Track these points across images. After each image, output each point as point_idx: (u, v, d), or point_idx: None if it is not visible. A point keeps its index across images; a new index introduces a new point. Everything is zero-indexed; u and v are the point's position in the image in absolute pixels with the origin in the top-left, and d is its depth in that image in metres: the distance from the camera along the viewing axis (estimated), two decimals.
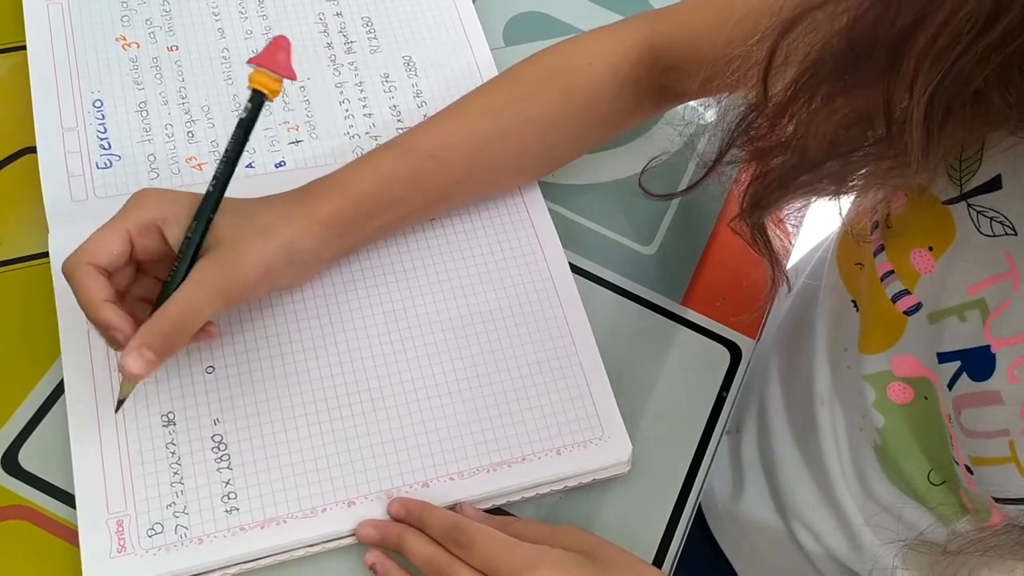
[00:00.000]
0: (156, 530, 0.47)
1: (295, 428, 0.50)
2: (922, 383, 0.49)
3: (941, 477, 0.51)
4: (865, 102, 0.40)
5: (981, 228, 0.44)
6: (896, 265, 0.49)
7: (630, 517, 0.52)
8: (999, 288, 0.43)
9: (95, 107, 0.58)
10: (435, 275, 0.56)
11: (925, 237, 0.47)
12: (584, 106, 0.56)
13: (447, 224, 0.58)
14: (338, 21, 0.65)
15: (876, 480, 0.55)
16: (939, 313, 0.47)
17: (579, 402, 0.53)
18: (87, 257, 0.44)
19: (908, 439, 0.52)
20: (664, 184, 0.64)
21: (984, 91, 0.37)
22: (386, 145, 0.53)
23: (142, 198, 0.46)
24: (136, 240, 0.45)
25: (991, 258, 0.44)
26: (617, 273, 0.60)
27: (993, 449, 0.44)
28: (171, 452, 0.49)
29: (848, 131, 0.42)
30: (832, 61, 0.40)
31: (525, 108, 0.55)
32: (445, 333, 0.54)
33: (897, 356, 0.50)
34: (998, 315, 0.43)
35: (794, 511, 0.61)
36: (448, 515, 0.47)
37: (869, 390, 0.52)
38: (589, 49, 0.56)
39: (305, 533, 0.48)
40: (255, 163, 0.58)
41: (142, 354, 0.43)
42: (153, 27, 0.62)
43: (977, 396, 0.44)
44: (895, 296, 0.49)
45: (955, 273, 0.46)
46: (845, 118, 0.42)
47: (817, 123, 0.43)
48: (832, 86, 0.41)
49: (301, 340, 0.53)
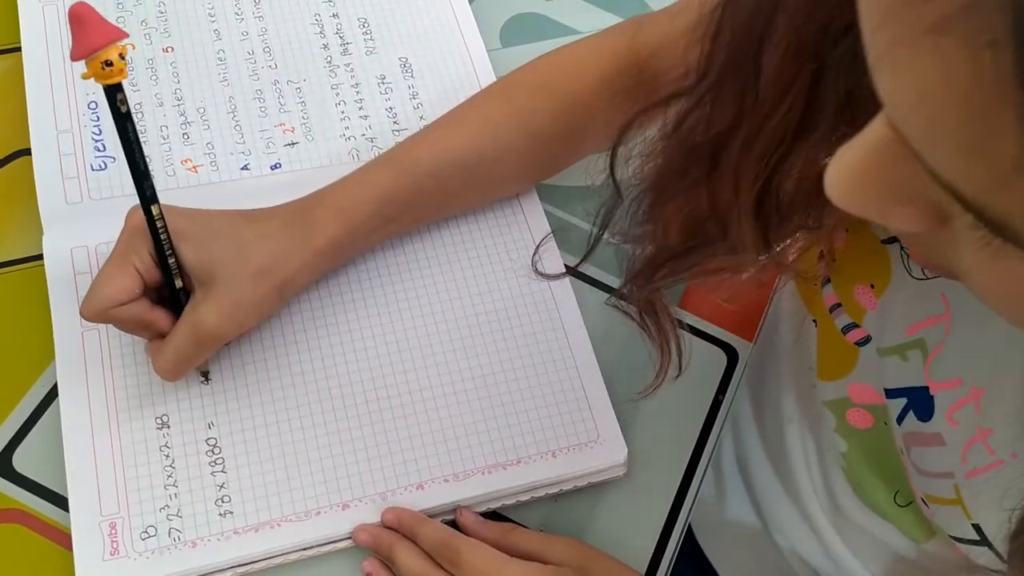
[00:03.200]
0: (150, 533, 0.46)
1: (289, 431, 0.50)
2: (880, 410, 0.49)
3: (907, 499, 0.51)
4: (699, 204, 0.43)
5: (912, 271, 0.44)
6: (843, 299, 0.49)
7: (626, 520, 0.52)
8: (936, 329, 0.43)
9: (90, 109, 0.58)
10: (430, 278, 0.56)
11: (866, 274, 0.47)
12: (580, 117, 0.56)
13: (442, 227, 0.58)
14: (334, 22, 0.65)
15: (846, 498, 0.55)
16: (885, 350, 0.47)
17: (575, 404, 0.53)
18: (111, 303, 0.45)
19: (870, 464, 0.52)
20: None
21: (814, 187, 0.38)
22: (386, 162, 0.53)
23: (134, 231, 0.46)
24: (143, 273, 0.46)
25: (927, 299, 0.44)
26: (613, 275, 0.60)
27: (941, 490, 0.44)
28: (165, 455, 0.49)
29: (700, 226, 0.44)
30: (667, 164, 0.44)
31: (523, 122, 0.55)
32: (440, 336, 0.54)
33: (853, 384, 0.50)
34: (935, 357, 0.43)
35: (772, 521, 0.61)
36: (440, 529, 0.47)
37: (829, 415, 0.52)
38: (581, 59, 0.56)
39: (299, 536, 0.47)
40: (251, 165, 0.58)
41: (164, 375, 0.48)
42: (149, 28, 0.62)
43: (922, 436, 0.44)
44: (844, 328, 0.49)
45: (895, 312, 0.46)
46: (689, 217, 0.44)
47: (665, 221, 0.46)
48: (672, 187, 0.44)
49: (296, 344, 0.53)
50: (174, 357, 0.47)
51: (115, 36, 0.37)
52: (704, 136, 0.40)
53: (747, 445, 0.63)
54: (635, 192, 0.47)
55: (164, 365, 0.47)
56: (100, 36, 0.37)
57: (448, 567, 0.46)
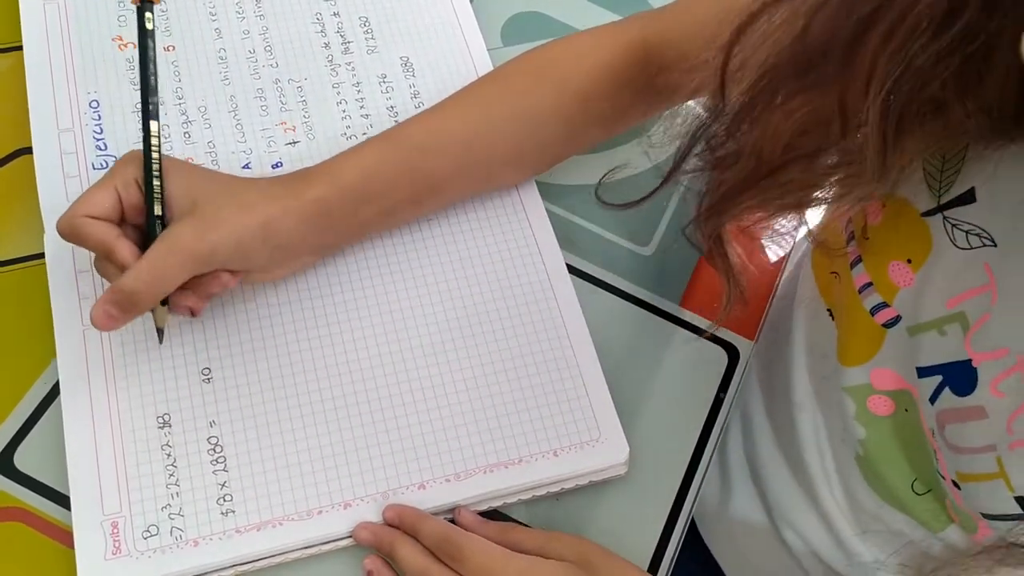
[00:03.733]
0: (151, 532, 0.46)
1: (291, 430, 0.50)
2: (903, 396, 0.49)
3: (926, 487, 0.50)
4: (822, 104, 0.40)
5: (957, 241, 0.43)
6: (874, 277, 0.48)
7: (627, 519, 0.52)
8: (978, 301, 0.43)
9: (91, 108, 0.58)
10: (431, 276, 0.56)
11: (903, 249, 0.46)
12: (576, 104, 0.55)
13: (443, 223, 0.58)
14: (335, 21, 0.65)
15: (859, 488, 0.54)
16: (918, 327, 0.46)
17: (576, 403, 0.53)
18: (83, 211, 0.45)
19: (891, 451, 0.51)
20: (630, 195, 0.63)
21: (944, 101, 0.37)
22: (377, 136, 0.53)
23: (125, 160, 0.47)
24: (123, 196, 0.46)
25: (969, 271, 0.43)
26: (615, 274, 0.60)
27: (980, 465, 0.43)
28: (167, 454, 0.49)
29: (805, 135, 0.42)
30: (789, 62, 0.40)
31: (516, 102, 0.55)
32: (442, 334, 0.54)
33: (876, 369, 0.50)
34: (978, 328, 0.43)
35: (781, 514, 0.61)
36: (441, 525, 0.47)
37: (849, 402, 0.52)
38: (582, 47, 0.56)
39: (301, 535, 0.47)
40: (251, 164, 0.58)
41: (107, 310, 0.45)
42: None
43: (960, 411, 0.44)
44: (873, 309, 0.49)
45: (934, 286, 0.45)
46: (802, 122, 0.41)
47: (774, 127, 0.42)
48: (789, 88, 0.41)
49: (297, 342, 0.53)
50: (136, 274, 0.44)
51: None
52: (843, 25, 0.37)
53: (757, 437, 0.62)
54: (740, 100, 0.43)
55: (125, 283, 0.44)
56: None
57: (450, 563, 0.46)
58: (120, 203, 0.46)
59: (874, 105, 0.37)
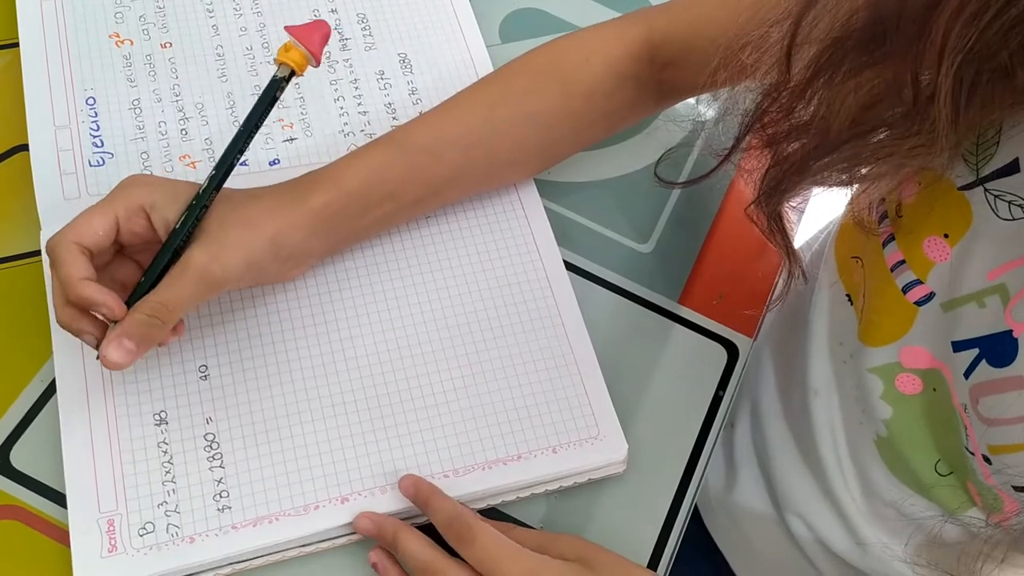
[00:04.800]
0: (148, 529, 0.46)
1: (288, 426, 0.50)
2: (932, 374, 0.49)
3: (949, 468, 0.50)
4: (891, 76, 0.40)
5: (999, 212, 0.43)
6: (907, 255, 0.48)
7: (626, 517, 0.52)
8: (1020, 272, 0.43)
9: (88, 104, 0.58)
10: (429, 272, 0.56)
11: (940, 224, 0.46)
12: (582, 102, 0.55)
13: (442, 221, 0.58)
14: (333, 18, 0.65)
15: (877, 472, 0.54)
16: (955, 301, 0.46)
17: (575, 401, 0.53)
18: (72, 236, 0.44)
19: (917, 430, 0.51)
20: (668, 176, 0.64)
21: (1010, 67, 0.37)
22: (379, 140, 0.53)
23: (132, 182, 0.47)
24: (123, 223, 0.45)
25: (1011, 242, 0.43)
26: (613, 271, 0.60)
27: (1018, 435, 0.43)
28: (163, 451, 0.48)
29: (871, 109, 0.41)
30: (857, 35, 0.40)
31: (522, 103, 0.55)
32: (440, 331, 0.54)
33: (906, 347, 0.49)
34: (1020, 299, 0.43)
35: (789, 503, 0.61)
36: (453, 505, 0.47)
37: (876, 382, 0.51)
38: (587, 45, 0.56)
39: (298, 531, 0.47)
40: (248, 160, 0.58)
41: (122, 344, 0.43)
42: (147, 24, 0.62)
43: (998, 383, 0.44)
44: (906, 287, 0.48)
45: (973, 259, 0.45)
46: (868, 95, 0.41)
47: (840, 101, 0.42)
48: (856, 61, 0.41)
49: (294, 338, 0.52)
50: (153, 305, 0.44)
51: (317, 59, 0.47)
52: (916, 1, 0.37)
53: (767, 425, 0.62)
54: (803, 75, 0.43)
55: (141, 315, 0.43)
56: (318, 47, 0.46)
57: (457, 543, 0.45)
58: (116, 230, 0.45)
59: (947, 76, 0.37)
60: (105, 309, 0.44)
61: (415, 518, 0.49)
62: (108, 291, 0.44)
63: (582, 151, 0.62)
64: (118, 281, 0.48)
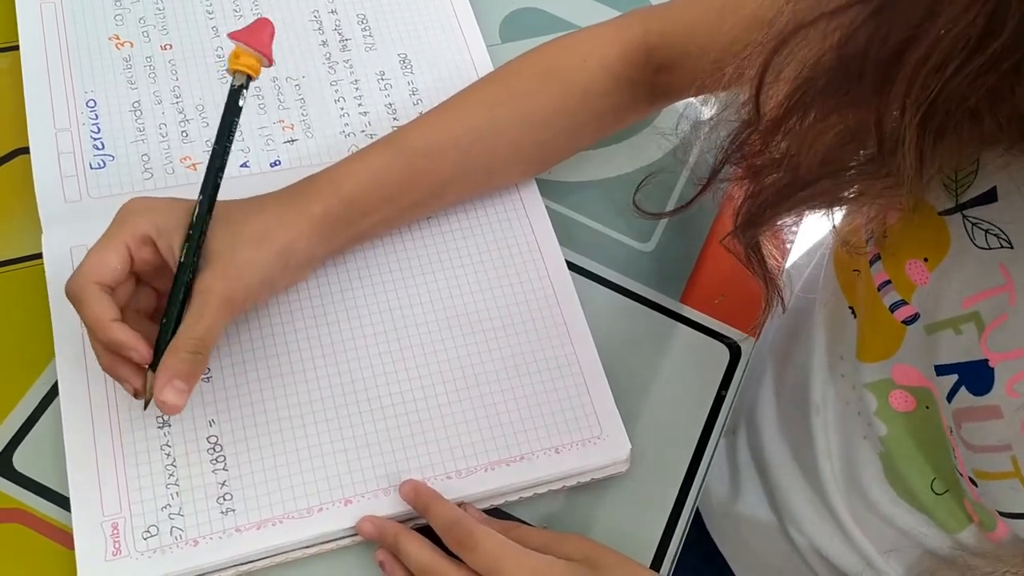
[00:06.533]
0: (151, 532, 0.46)
1: (291, 428, 0.50)
2: (923, 392, 0.49)
3: (944, 486, 0.50)
4: (857, 120, 0.40)
5: (976, 240, 0.43)
6: (892, 275, 0.48)
7: (629, 517, 0.52)
8: (995, 301, 0.43)
9: (88, 107, 0.58)
10: (431, 273, 0.56)
11: (920, 248, 0.46)
12: (579, 103, 0.55)
13: (443, 222, 0.58)
14: (333, 19, 0.65)
15: (876, 488, 0.54)
16: (935, 325, 0.46)
17: (577, 401, 0.53)
18: (92, 277, 0.44)
19: (911, 448, 0.51)
20: (656, 197, 0.63)
21: (977, 111, 0.37)
22: (378, 142, 0.53)
23: (132, 209, 0.46)
24: (135, 253, 0.45)
25: (986, 271, 0.43)
26: (615, 271, 0.60)
27: (996, 464, 0.43)
28: (166, 454, 0.48)
29: (841, 149, 0.42)
30: (824, 79, 0.40)
31: (520, 105, 0.55)
32: (442, 331, 0.54)
33: (897, 365, 0.50)
34: (995, 328, 0.43)
35: (789, 514, 0.61)
36: (454, 510, 0.47)
37: (871, 398, 0.52)
38: (584, 47, 0.56)
39: (302, 533, 0.47)
40: (250, 162, 0.58)
41: (174, 385, 0.43)
42: (147, 26, 0.62)
43: (976, 411, 0.44)
44: (892, 306, 0.48)
45: (950, 285, 0.45)
46: (838, 136, 0.41)
47: (810, 141, 0.42)
48: (824, 104, 0.41)
49: (297, 340, 0.52)
50: (187, 341, 0.44)
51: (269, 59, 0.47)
52: (882, 48, 0.37)
53: (765, 438, 0.62)
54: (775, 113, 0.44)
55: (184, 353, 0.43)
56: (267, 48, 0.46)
57: (458, 548, 0.45)
58: (131, 261, 0.45)
59: (911, 125, 0.37)
60: (135, 353, 0.44)
61: (419, 520, 0.49)
62: (135, 334, 0.44)
63: (580, 152, 0.62)
64: (141, 311, 0.48)
